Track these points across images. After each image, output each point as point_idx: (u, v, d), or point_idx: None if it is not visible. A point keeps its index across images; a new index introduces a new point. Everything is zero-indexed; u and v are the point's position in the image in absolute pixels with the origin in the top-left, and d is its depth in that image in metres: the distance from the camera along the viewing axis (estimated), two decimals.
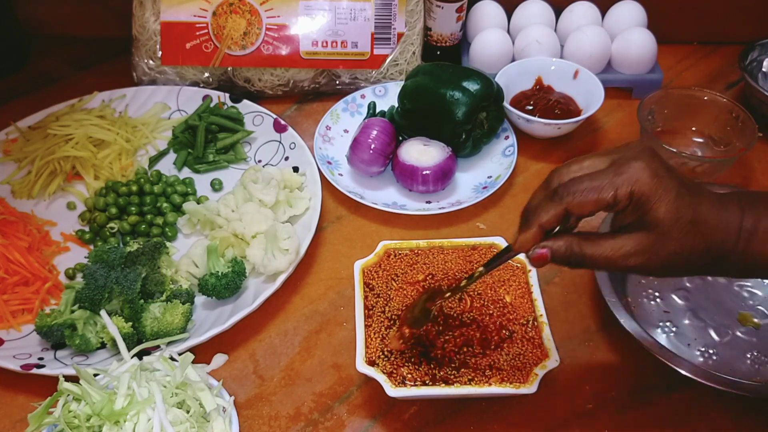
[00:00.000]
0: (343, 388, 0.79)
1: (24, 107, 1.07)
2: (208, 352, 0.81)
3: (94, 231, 0.94)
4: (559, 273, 0.88)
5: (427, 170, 0.95)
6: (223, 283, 0.83)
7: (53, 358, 0.79)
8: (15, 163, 1.02)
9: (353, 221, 0.97)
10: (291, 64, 1.11)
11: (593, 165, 0.59)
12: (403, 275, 0.81)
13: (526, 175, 1.02)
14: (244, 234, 0.88)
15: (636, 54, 1.11)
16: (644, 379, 0.78)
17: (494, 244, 0.83)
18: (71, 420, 0.67)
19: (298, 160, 1.00)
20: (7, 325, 0.84)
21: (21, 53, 1.25)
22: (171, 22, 1.10)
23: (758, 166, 1.03)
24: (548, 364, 0.72)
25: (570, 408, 0.76)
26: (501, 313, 0.77)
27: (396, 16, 1.10)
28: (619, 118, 1.11)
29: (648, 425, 0.74)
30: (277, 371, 0.80)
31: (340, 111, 1.09)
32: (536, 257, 0.60)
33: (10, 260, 0.87)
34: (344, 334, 0.84)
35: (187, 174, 1.03)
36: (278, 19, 1.10)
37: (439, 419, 0.75)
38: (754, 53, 1.12)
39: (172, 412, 0.67)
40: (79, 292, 0.80)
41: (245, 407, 0.77)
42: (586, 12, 1.16)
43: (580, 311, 0.85)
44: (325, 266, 0.91)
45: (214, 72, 1.13)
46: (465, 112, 0.96)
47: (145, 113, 1.09)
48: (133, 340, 0.78)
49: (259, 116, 1.07)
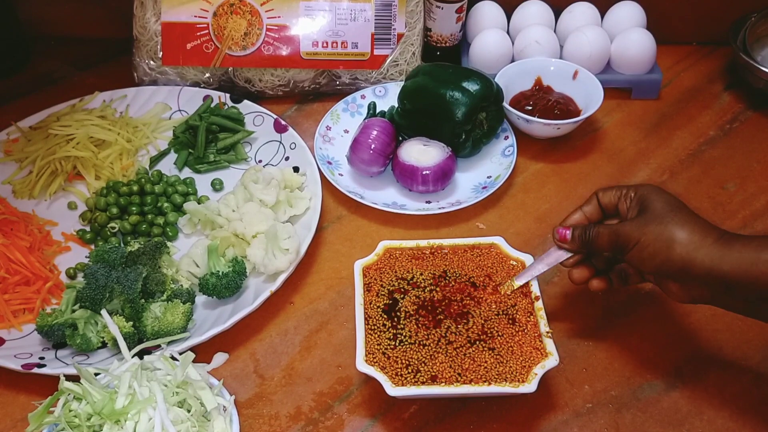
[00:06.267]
0: (344, 388, 0.79)
1: (25, 107, 1.08)
2: (208, 351, 0.81)
3: (95, 231, 0.94)
4: (558, 273, 0.88)
5: (427, 170, 0.95)
6: (224, 283, 0.83)
7: (54, 358, 0.80)
8: (16, 163, 1.02)
9: (353, 221, 0.97)
10: (291, 64, 1.11)
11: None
12: (403, 275, 0.81)
13: (526, 175, 1.03)
14: (244, 234, 0.88)
15: (635, 54, 1.11)
16: (644, 379, 0.78)
17: (494, 244, 0.84)
18: (72, 419, 0.67)
19: (299, 160, 1.00)
20: (8, 325, 0.84)
21: (22, 53, 1.25)
22: (172, 22, 1.10)
23: (757, 167, 1.03)
24: (548, 364, 0.72)
25: (570, 408, 0.76)
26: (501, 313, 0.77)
27: (396, 16, 1.10)
28: (618, 119, 1.11)
29: (648, 425, 0.74)
30: (278, 370, 0.81)
31: (341, 111, 1.09)
32: (561, 236, 0.76)
33: (11, 260, 0.87)
34: (344, 333, 0.84)
35: (188, 174, 1.03)
36: (279, 19, 1.10)
37: (439, 418, 0.76)
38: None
39: (173, 411, 0.67)
40: (80, 292, 0.80)
41: (246, 406, 0.77)
42: (586, 12, 1.16)
43: (580, 311, 0.85)
44: (325, 266, 0.91)
45: (215, 72, 1.13)
46: (465, 113, 0.97)
47: (146, 113, 1.10)
48: (133, 340, 0.78)
49: (260, 116, 1.07)
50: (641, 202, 0.71)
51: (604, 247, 0.73)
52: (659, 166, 1.03)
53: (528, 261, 0.81)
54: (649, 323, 0.83)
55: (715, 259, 0.65)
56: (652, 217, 0.69)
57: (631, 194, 0.73)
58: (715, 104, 1.13)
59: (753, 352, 0.80)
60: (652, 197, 0.71)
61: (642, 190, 0.72)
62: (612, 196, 0.75)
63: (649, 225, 0.68)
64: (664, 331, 0.83)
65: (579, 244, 0.75)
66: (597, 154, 1.06)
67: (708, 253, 0.65)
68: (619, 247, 0.71)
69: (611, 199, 0.75)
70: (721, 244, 0.65)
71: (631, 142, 1.07)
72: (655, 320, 0.84)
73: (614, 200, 0.75)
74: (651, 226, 0.68)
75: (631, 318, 0.84)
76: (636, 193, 0.73)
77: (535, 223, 0.96)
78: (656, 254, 0.68)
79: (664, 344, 0.81)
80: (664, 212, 0.68)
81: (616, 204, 0.75)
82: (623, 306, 0.85)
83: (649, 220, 0.69)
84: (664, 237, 0.67)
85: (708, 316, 0.83)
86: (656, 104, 1.13)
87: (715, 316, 0.83)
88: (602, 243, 0.73)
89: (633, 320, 0.84)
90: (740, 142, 1.07)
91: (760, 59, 1.11)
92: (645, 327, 0.83)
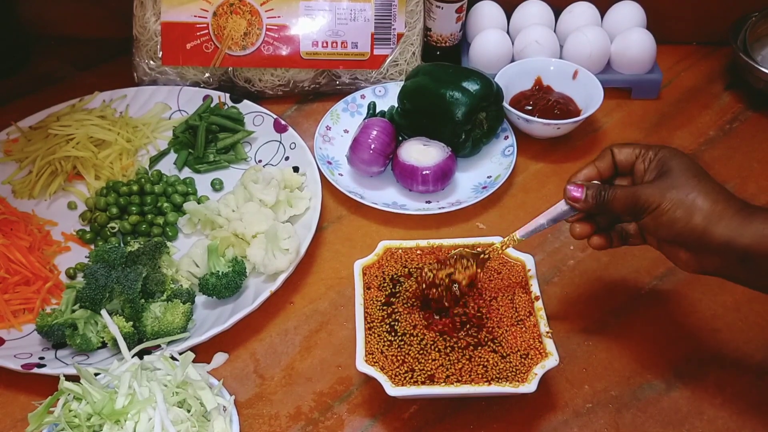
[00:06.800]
0: (344, 388, 0.79)
1: (25, 107, 1.08)
2: (208, 351, 0.81)
3: (95, 231, 0.94)
4: (558, 273, 0.88)
5: (427, 170, 0.95)
6: (224, 283, 0.83)
7: (54, 358, 0.80)
8: (16, 163, 1.02)
9: (353, 221, 0.97)
10: (291, 64, 1.11)
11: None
12: (403, 275, 0.81)
13: (526, 175, 1.03)
14: (244, 234, 0.88)
15: (635, 54, 1.11)
16: (644, 379, 0.78)
17: (494, 244, 0.84)
18: (72, 419, 0.67)
19: (299, 160, 1.00)
20: (8, 325, 0.84)
21: (22, 53, 1.25)
22: (172, 22, 1.10)
23: (758, 167, 1.03)
24: (548, 364, 0.72)
25: (570, 408, 0.76)
26: (501, 313, 0.77)
27: (396, 16, 1.10)
28: (618, 119, 1.11)
29: (648, 425, 0.74)
30: (278, 370, 0.81)
31: (340, 111, 1.09)
32: (572, 196, 0.71)
33: (11, 260, 0.87)
34: (344, 333, 0.84)
35: (188, 174, 1.03)
36: (278, 19, 1.10)
37: (439, 418, 0.76)
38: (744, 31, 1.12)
39: (172, 411, 0.67)
40: (80, 292, 0.80)
41: (246, 406, 0.77)
42: (586, 12, 1.16)
43: (580, 311, 0.85)
44: (325, 266, 0.91)
45: (215, 72, 1.13)
46: (465, 113, 0.97)
47: (146, 113, 1.10)
48: (133, 340, 0.78)
49: (260, 116, 1.07)
50: (661, 164, 0.68)
51: (619, 209, 0.69)
52: None
53: (528, 261, 0.81)
54: (649, 323, 0.83)
55: (735, 230, 0.63)
56: (674, 183, 0.65)
57: (651, 155, 0.70)
58: (715, 104, 1.13)
59: (753, 352, 0.80)
60: (674, 161, 0.67)
61: (663, 152, 0.69)
62: (629, 154, 0.71)
63: (671, 190, 0.65)
64: (664, 331, 0.83)
65: (592, 205, 0.71)
66: (597, 153, 1.05)
67: (728, 225, 0.63)
68: (636, 210, 0.68)
69: (628, 157, 0.72)
70: (742, 215, 0.63)
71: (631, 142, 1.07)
72: (655, 320, 0.84)
73: (631, 158, 0.71)
74: (672, 191, 0.65)
75: (631, 318, 0.84)
76: (656, 155, 0.69)
77: None
78: (675, 221, 0.65)
79: (664, 344, 0.81)
80: (687, 178, 0.66)
81: (632, 163, 0.71)
82: (623, 306, 0.85)
83: (670, 185, 0.65)
84: (686, 204, 0.64)
85: (708, 315, 0.83)
86: (656, 104, 1.13)
87: (715, 316, 0.83)
88: (617, 206, 0.69)
89: (633, 320, 0.84)
90: (740, 142, 1.07)
91: (760, 59, 1.11)
92: (645, 327, 0.83)
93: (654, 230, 0.68)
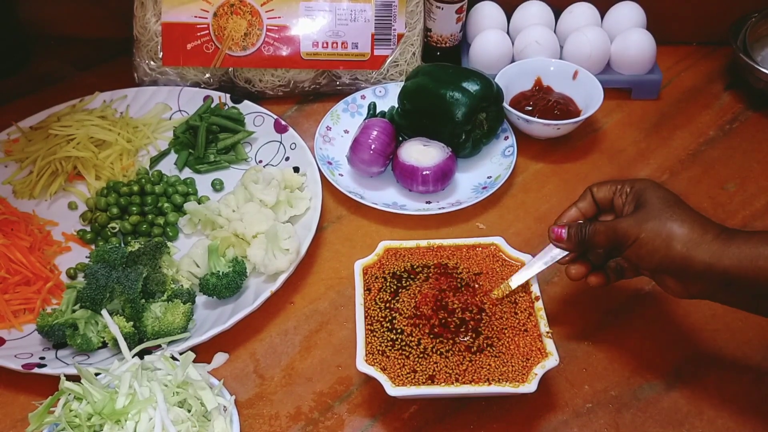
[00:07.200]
0: (344, 388, 0.79)
1: (25, 107, 1.08)
2: (209, 351, 0.81)
3: (96, 231, 0.94)
4: (558, 273, 0.88)
5: (427, 170, 0.96)
6: (224, 283, 0.83)
7: (54, 358, 0.80)
8: (17, 163, 1.02)
9: (353, 221, 0.97)
10: (291, 64, 1.11)
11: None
12: (403, 275, 0.81)
13: (526, 176, 1.03)
14: (244, 234, 0.88)
15: (635, 55, 1.11)
16: (644, 379, 0.78)
17: (494, 244, 0.84)
18: (72, 419, 0.67)
19: (299, 160, 1.00)
20: (9, 325, 0.84)
21: (22, 54, 1.25)
22: (172, 22, 1.10)
23: (757, 167, 1.03)
24: (548, 364, 0.72)
25: (570, 408, 0.76)
26: (501, 313, 0.77)
27: (396, 17, 1.11)
28: (618, 119, 1.11)
29: (647, 425, 0.74)
30: (278, 370, 0.81)
31: (341, 111, 1.09)
32: (556, 235, 0.75)
33: (11, 260, 0.87)
34: (344, 333, 0.84)
35: (188, 174, 1.03)
36: (279, 20, 1.10)
37: (439, 418, 0.76)
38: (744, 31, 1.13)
39: (173, 411, 0.67)
40: (80, 292, 0.80)
41: (246, 406, 0.77)
42: (586, 13, 1.16)
43: (580, 311, 0.85)
44: (325, 266, 0.92)
45: (215, 73, 1.13)
46: (465, 113, 0.97)
47: (147, 114, 1.10)
48: (134, 340, 0.79)
49: (260, 117, 1.07)
50: (637, 197, 0.71)
51: (601, 244, 0.72)
52: (659, 166, 1.03)
53: (528, 261, 0.81)
54: (649, 323, 0.83)
55: (715, 255, 0.64)
56: (650, 214, 0.68)
57: (626, 189, 0.72)
58: (715, 104, 1.13)
59: (753, 352, 0.80)
60: (648, 192, 0.70)
61: (638, 185, 0.71)
62: (607, 191, 0.74)
63: (648, 221, 0.68)
64: (664, 331, 0.83)
65: (575, 243, 0.74)
66: (597, 154, 1.06)
67: (708, 250, 0.65)
68: (616, 244, 0.70)
69: (606, 194, 0.75)
70: (721, 240, 0.65)
71: (631, 143, 1.07)
72: (655, 320, 0.84)
73: (609, 195, 0.74)
74: (649, 222, 0.67)
75: (631, 318, 0.84)
76: (632, 188, 0.72)
77: (535, 223, 0.96)
78: (655, 251, 0.67)
79: (664, 344, 0.81)
80: (662, 208, 0.68)
81: (611, 199, 0.74)
82: (623, 306, 0.85)
83: (646, 216, 0.68)
84: (663, 234, 0.66)
85: (708, 316, 0.83)
86: (656, 104, 1.14)
87: (715, 316, 0.83)
88: (599, 240, 0.72)
89: (633, 320, 0.84)
90: (740, 142, 1.07)
91: (760, 59, 1.11)
92: (645, 327, 0.83)
93: (637, 261, 0.70)
